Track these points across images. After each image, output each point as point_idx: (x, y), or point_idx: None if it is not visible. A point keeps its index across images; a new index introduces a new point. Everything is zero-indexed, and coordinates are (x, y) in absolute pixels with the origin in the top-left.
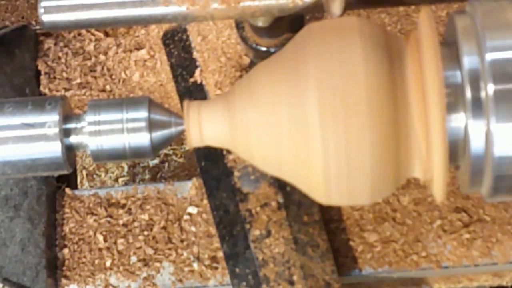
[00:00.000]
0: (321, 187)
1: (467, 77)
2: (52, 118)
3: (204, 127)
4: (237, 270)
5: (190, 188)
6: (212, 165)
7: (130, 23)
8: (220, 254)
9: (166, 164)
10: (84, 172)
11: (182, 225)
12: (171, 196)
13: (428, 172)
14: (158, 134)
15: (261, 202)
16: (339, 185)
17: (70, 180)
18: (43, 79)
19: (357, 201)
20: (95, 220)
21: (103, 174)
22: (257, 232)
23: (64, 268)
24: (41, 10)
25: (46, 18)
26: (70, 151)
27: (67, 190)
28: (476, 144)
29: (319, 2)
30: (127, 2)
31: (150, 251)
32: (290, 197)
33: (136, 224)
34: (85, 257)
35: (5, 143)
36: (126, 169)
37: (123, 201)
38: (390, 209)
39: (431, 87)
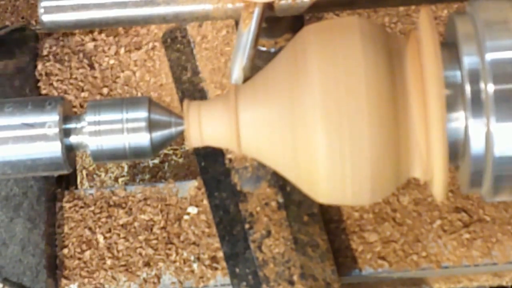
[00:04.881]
0: (322, 187)
1: (467, 77)
2: (52, 118)
3: (204, 127)
4: (237, 270)
5: (190, 188)
6: (212, 165)
7: (130, 23)
8: (220, 254)
9: (166, 164)
10: (84, 172)
11: (182, 225)
12: (171, 196)
13: (428, 172)
14: (158, 134)
15: (261, 202)
16: (340, 185)
17: (70, 180)
18: (43, 79)
19: (358, 201)
20: (95, 220)
21: (103, 174)
22: (257, 232)
23: (64, 268)
24: (41, 10)
25: (46, 18)
26: (70, 151)
27: (67, 190)
28: (476, 144)
29: None
30: (127, 2)
31: (150, 251)
32: (290, 197)
33: (136, 224)
34: (85, 257)
35: (5, 143)
36: (126, 169)
37: (123, 201)
38: (390, 209)
39: (431, 87)
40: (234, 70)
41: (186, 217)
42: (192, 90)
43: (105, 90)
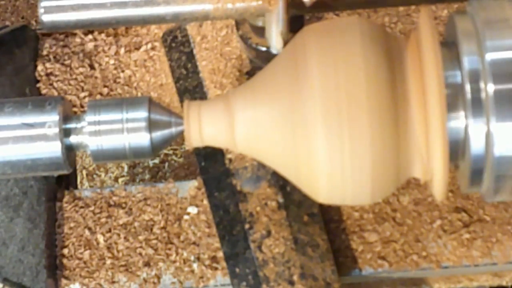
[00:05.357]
0: (322, 186)
1: (467, 77)
2: (52, 118)
3: (204, 127)
4: (237, 270)
5: (190, 188)
6: (212, 165)
7: (130, 23)
8: (220, 254)
9: (166, 164)
10: (84, 172)
11: (182, 225)
12: (171, 196)
13: (428, 172)
14: (158, 134)
15: (261, 202)
16: (340, 185)
17: (70, 180)
18: (43, 79)
19: (358, 201)
20: (95, 220)
21: (103, 174)
22: (257, 232)
23: (64, 268)
24: (41, 10)
25: (46, 18)
26: (70, 151)
27: (67, 190)
28: (476, 144)
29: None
30: (127, 2)
31: (150, 251)
32: (290, 197)
33: (136, 224)
34: (85, 257)
35: (5, 143)
36: (126, 169)
37: (123, 201)
38: (390, 209)
39: (431, 87)
40: (272, 38)
41: (186, 217)
42: (192, 90)
43: (105, 90)
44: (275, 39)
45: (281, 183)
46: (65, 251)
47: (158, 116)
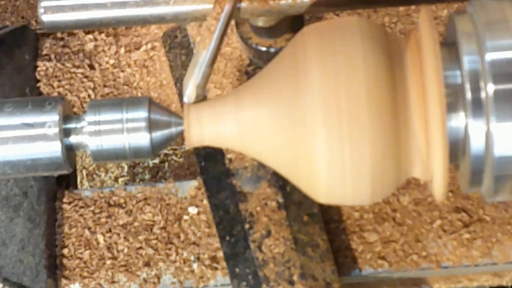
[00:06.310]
0: (322, 186)
1: (467, 77)
2: (52, 118)
3: (204, 127)
4: (237, 270)
5: (190, 188)
6: (212, 165)
7: (130, 23)
8: (220, 254)
9: (166, 164)
10: (84, 172)
11: (182, 225)
12: (171, 196)
13: (428, 172)
14: (158, 134)
15: (261, 202)
16: (340, 185)
17: (70, 180)
18: (43, 79)
19: (358, 201)
20: (95, 220)
21: (103, 174)
22: (257, 232)
23: (64, 268)
24: (41, 10)
25: (46, 18)
26: (70, 151)
27: (67, 190)
28: (476, 144)
29: None
30: (127, 2)
31: (150, 251)
32: (290, 197)
33: (136, 224)
34: (85, 257)
35: (5, 143)
36: (126, 169)
37: (123, 201)
38: (390, 209)
39: (431, 87)
40: (187, 87)
41: (186, 217)
42: None
43: (105, 90)
44: (190, 90)
45: (281, 183)
46: (65, 251)
47: (158, 116)
